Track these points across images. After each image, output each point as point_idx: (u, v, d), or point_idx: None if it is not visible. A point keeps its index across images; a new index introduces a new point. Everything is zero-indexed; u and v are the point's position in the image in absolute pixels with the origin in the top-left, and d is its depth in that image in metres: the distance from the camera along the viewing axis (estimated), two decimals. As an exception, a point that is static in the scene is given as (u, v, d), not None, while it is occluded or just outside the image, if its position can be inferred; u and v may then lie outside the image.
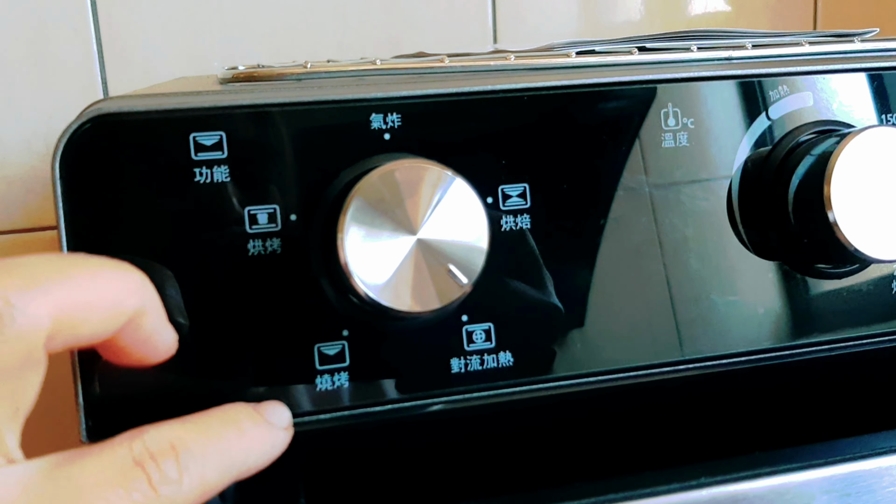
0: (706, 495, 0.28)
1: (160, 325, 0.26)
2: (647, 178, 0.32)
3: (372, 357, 0.30)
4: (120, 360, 0.26)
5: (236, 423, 0.26)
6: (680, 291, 0.32)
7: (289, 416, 0.28)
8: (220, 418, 0.26)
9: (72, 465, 0.22)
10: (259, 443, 0.26)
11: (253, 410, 0.27)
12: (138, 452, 0.23)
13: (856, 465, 0.30)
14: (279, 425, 0.28)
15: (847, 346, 0.34)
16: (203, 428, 0.25)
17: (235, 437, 0.26)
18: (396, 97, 0.29)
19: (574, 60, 0.35)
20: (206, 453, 0.24)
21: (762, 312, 0.33)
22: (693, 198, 0.32)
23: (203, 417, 0.26)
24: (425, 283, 0.27)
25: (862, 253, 0.30)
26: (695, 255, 0.32)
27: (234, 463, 0.25)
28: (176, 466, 0.23)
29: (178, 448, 0.24)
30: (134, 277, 0.25)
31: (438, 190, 0.27)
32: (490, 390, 0.31)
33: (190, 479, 0.23)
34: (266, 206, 0.29)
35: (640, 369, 0.32)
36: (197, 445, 0.24)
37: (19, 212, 0.60)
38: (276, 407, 0.28)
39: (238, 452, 0.26)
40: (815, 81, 0.34)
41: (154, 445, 0.23)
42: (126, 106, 0.28)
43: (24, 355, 0.22)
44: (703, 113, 0.32)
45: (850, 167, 0.31)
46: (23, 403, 0.23)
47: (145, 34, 0.61)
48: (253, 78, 0.33)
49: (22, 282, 0.22)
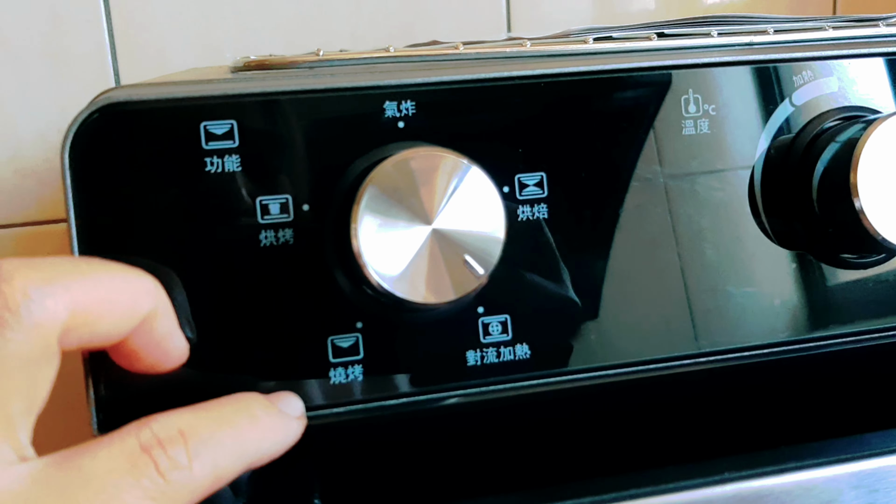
0: (730, 491, 0.28)
1: (172, 328, 0.26)
2: (667, 167, 0.31)
3: (386, 350, 0.29)
4: (132, 365, 0.26)
5: (248, 410, 0.26)
6: (697, 282, 0.31)
7: (301, 406, 0.28)
8: (231, 406, 0.26)
9: (81, 456, 0.22)
10: (271, 431, 0.26)
11: (265, 399, 0.27)
12: (146, 440, 0.23)
13: (884, 461, 0.29)
14: (292, 414, 0.27)
15: (872, 337, 0.33)
16: (214, 415, 0.25)
17: (247, 425, 0.25)
18: (410, 84, 0.29)
19: (591, 47, 0.34)
20: (216, 440, 0.24)
21: (781, 304, 0.32)
22: (713, 187, 0.32)
23: (214, 405, 0.25)
24: (441, 274, 0.27)
25: (889, 242, 0.30)
26: (710, 245, 0.32)
27: (246, 450, 0.25)
28: (185, 452, 0.23)
29: (187, 434, 0.24)
30: (148, 280, 0.25)
31: (454, 179, 0.27)
32: (507, 383, 0.30)
33: (201, 465, 0.23)
34: (278, 196, 0.28)
35: (655, 362, 0.31)
36: (207, 432, 0.24)
37: (34, 204, 0.60)
38: (288, 397, 0.28)
39: (250, 440, 0.25)
40: (840, 67, 0.33)
41: (162, 432, 0.23)
42: (136, 94, 0.27)
43: (39, 348, 0.22)
44: (724, 99, 0.32)
45: (876, 154, 0.30)
46: (36, 398, 0.23)
47: (158, 25, 0.60)
48: (264, 66, 0.33)
49: (40, 276, 0.23)
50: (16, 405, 0.22)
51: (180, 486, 0.23)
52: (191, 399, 0.26)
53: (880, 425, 0.32)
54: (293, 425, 0.27)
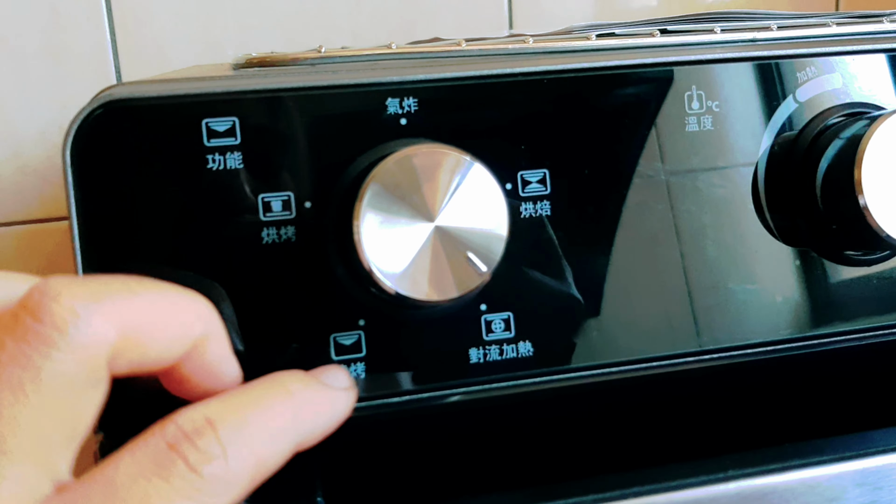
0: (733, 488, 0.28)
1: (225, 353, 0.25)
2: (670, 163, 0.31)
3: (389, 347, 0.29)
4: (183, 391, 0.24)
5: (283, 386, 0.23)
6: (698, 279, 0.31)
7: (348, 378, 0.26)
8: (263, 385, 0.23)
9: (106, 467, 0.21)
10: (313, 405, 0.24)
11: (303, 374, 0.25)
12: (172, 435, 0.21)
13: (888, 458, 0.29)
14: (338, 386, 0.25)
15: (876, 335, 0.33)
16: (244, 398, 0.23)
17: (283, 403, 0.23)
18: (412, 81, 0.29)
19: (594, 43, 0.34)
20: (250, 423, 0.22)
21: (783, 301, 0.32)
22: (716, 184, 0.32)
23: (243, 387, 0.23)
24: (443, 271, 0.27)
25: (893, 238, 0.29)
26: (712, 243, 0.31)
27: (286, 430, 0.23)
28: (217, 441, 0.21)
29: (216, 422, 0.21)
30: (201, 302, 0.24)
31: (456, 176, 0.26)
32: (510, 381, 0.30)
33: (237, 452, 0.21)
34: (280, 193, 0.28)
35: (658, 360, 0.31)
36: (237, 416, 0.22)
37: (36, 202, 0.60)
38: (332, 369, 0.26)
39: (290, 419, 0.23)
40: (844, 63, 0.33)
41: (188, 424, 0.21)
42: (137, 92, 0.27)
43: (87, 370, 0.21)
44: (727, 96, 0.32)
45: (881, 150, 0.30)
46: (80, 425, 0.21)
47: (158, 22, 0.60)
48: (266, 63, 0.32)
49: (89, 294, 0.21)
50: (58, 431, 0.21)
51: (217, 480, 0.21)
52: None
53: (883, 423, 0.32)
54: (340, 397, 0.25)
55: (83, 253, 0.27)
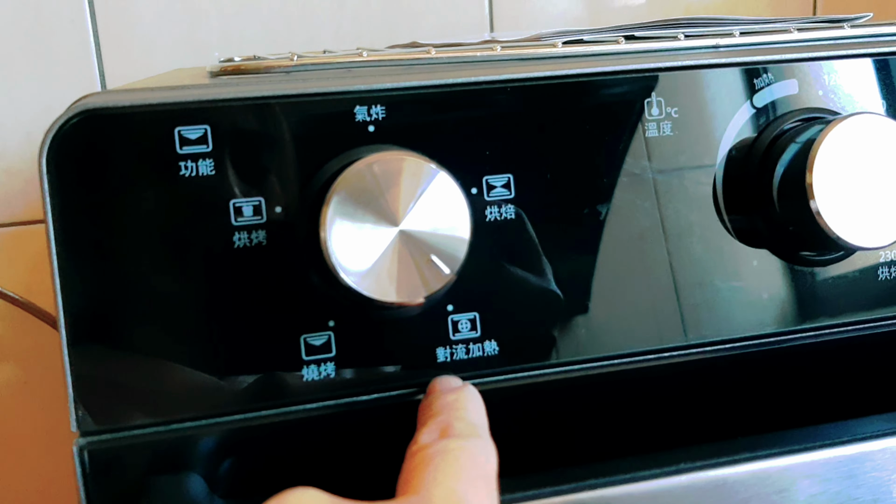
0: (685, 481, 0.29)
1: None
2: (630, 167, 0.32)
3: (358, 347, 0.30)
4: None
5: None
6: (682, 277, 0.32)
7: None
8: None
9: None
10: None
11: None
12: None
13: (836, 451, 0.30)
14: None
15: (833, 332, 0.34)
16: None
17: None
18: (380, 89, 0.30)
19: (559, 50, 0.35)
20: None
21: (745, 301, 0.33)
22: (676, 187, 0.33)
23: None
24: (409, 273, 0.28)
25: (844, 241, 0.30)
26: (675, 243, 0.32)
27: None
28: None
29: None
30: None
31: (419, 181, 0.27)
32: (476, 378, 0.31)
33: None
34: (251, 198, 0.29)
35: (624, 357, 0.32)
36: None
37: (20, 204, 0.60)
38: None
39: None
40: (801, 69, 0.34)
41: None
42: (112, 101, 0.28)
43: None
44: (687, 102, 0.33)
45: (833, 155, 0.31)
46: None
47: (142, 23, 0.61)
48: (241, 71, 0.33)
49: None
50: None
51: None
52: (167, 395, 0.27)
53: (839, 416, 0.33)
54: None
55: (59, 257, 0.28)
